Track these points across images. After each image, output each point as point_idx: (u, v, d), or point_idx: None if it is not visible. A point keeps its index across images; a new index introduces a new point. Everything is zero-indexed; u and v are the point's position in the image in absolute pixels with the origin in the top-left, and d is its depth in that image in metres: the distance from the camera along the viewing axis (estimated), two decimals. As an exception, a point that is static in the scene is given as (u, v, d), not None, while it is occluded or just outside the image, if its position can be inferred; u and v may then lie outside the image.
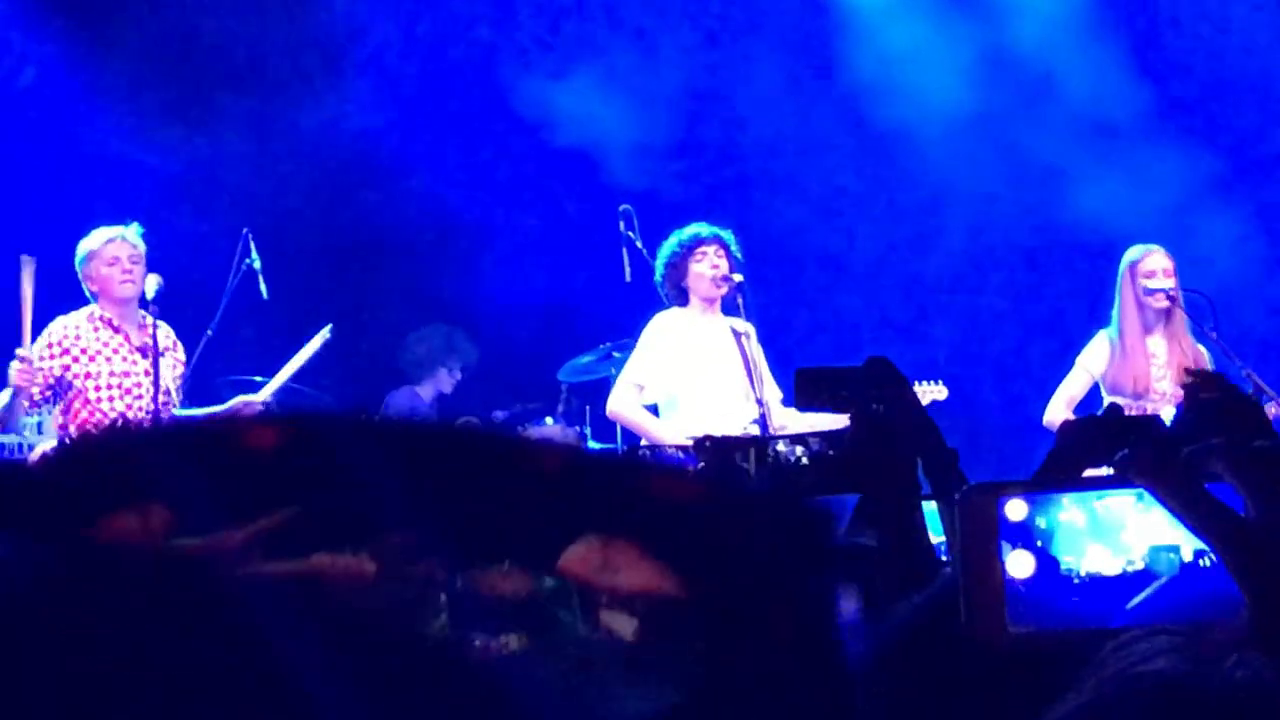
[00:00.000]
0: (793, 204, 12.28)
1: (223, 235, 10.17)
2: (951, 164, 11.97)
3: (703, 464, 4.32)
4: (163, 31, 11.79)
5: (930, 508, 3.70)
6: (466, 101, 12.40)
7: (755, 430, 8.66)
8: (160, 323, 8.97)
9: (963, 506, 2.07)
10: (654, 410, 9.23)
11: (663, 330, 9.24)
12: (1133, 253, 9.19)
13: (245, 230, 9.78)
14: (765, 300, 9.94)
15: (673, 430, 8.93)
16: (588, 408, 10.65)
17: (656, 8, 12.55)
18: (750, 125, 12.56)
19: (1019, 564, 2.05)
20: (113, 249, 8.96)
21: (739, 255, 9.27)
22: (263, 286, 9.71)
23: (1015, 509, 2.08)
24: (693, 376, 9.12)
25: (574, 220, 12.18)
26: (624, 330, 10.24)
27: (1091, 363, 9.19)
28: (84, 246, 9.02)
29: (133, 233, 9.05)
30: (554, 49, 12.45)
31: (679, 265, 9.25)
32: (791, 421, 8.49)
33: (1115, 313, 9.17)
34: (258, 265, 9.72)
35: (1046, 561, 2.09)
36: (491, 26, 12.49)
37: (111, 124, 11.74)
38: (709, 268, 9.21)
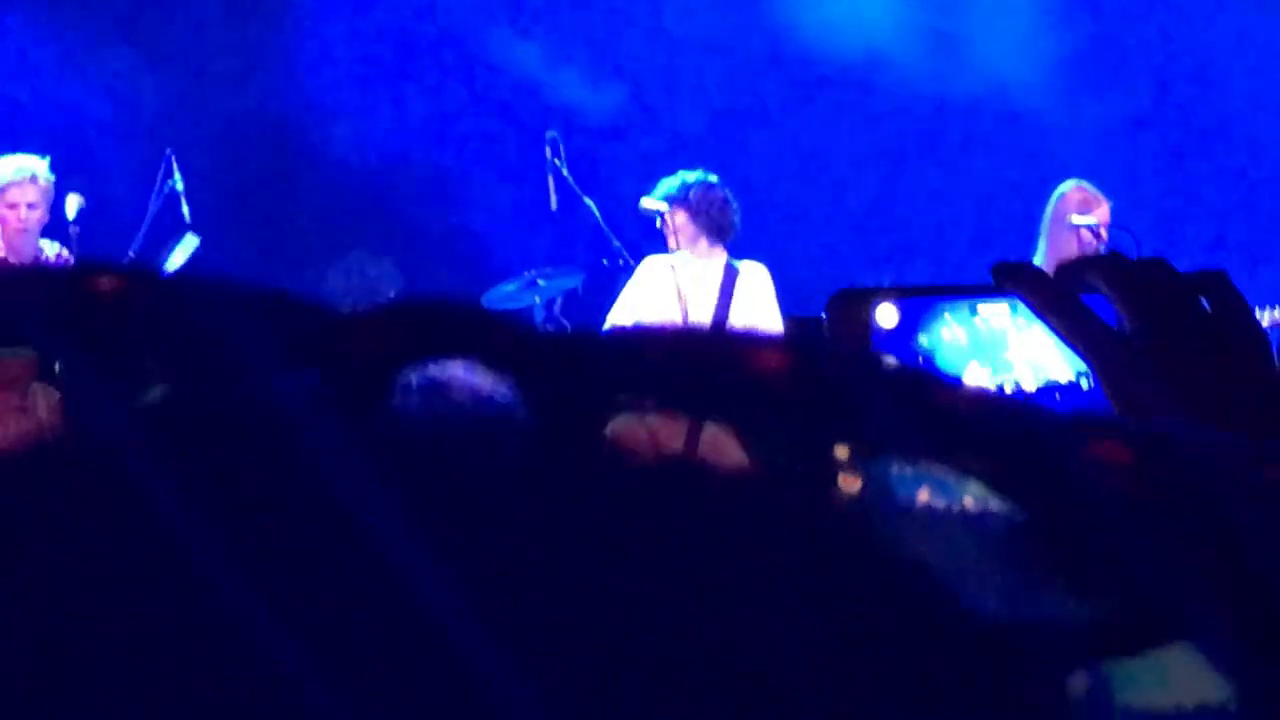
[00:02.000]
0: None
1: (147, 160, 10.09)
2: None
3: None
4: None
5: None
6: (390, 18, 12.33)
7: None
8: (63, 250, 8.83)
9: (831, 311, 2.04)
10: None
11: (648, 280, 9.28)
12: (1064, 187, 9.13)
13: (168, 151, 9.71)
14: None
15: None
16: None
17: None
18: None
19: None
20: (15, 193, 8.67)
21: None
22: (185, 209, 9.64)
23: (886, 315, 2.05)
24: (660, 320, 9.12)
25: (498, 146, 12.12)
26: (548, 259, 10.23)
27: (1011, 299, 9.14)
28: None
29: (43, 169, 8.78)
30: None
31: (675, 205, 9.25)
32: None
33: (1041, 247, 9.07)
34: (180, 187, 9.65)
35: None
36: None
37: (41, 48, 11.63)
38: (705, 213, 9.21)
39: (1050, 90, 12.08)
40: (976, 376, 2.13)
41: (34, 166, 8.73)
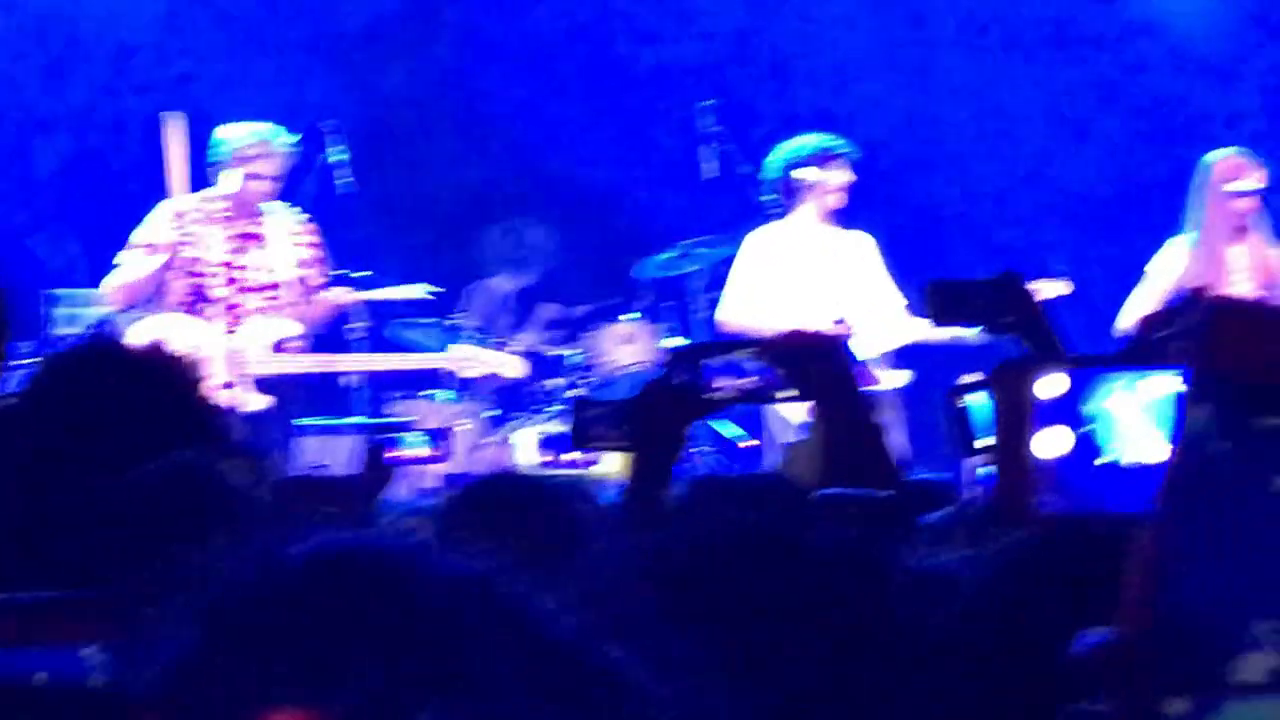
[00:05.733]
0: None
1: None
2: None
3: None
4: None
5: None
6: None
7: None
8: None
9: (996, 383, 2.06)
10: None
11: (759, 254, 9.29)
12: (1210, 157, 9.00)
13: (329, 123, 9.83)
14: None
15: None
16: (667, 305, 10.67)
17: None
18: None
19: (1053, 443, 2.03)
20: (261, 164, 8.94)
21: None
22: (342, 178, 9.79)
23: (1048, 386, 2.06)
24: (787, 292, 9.14)
25: (647, 116, 12.15)
26: (701, 228, 10.26)
27: (1168, 271, 9.00)
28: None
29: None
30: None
31: (803, 172, 9.23)
32: (917, 331, 8.75)
33: (1192, 219, 8.98)
34: (345, 158, 9.81)
35: (1086, 445, 2.07)
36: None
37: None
38: (840, 180, 9.20)
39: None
40: (1145, 445, 2.13)
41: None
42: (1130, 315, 8.96)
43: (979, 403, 3.76)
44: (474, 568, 1.41)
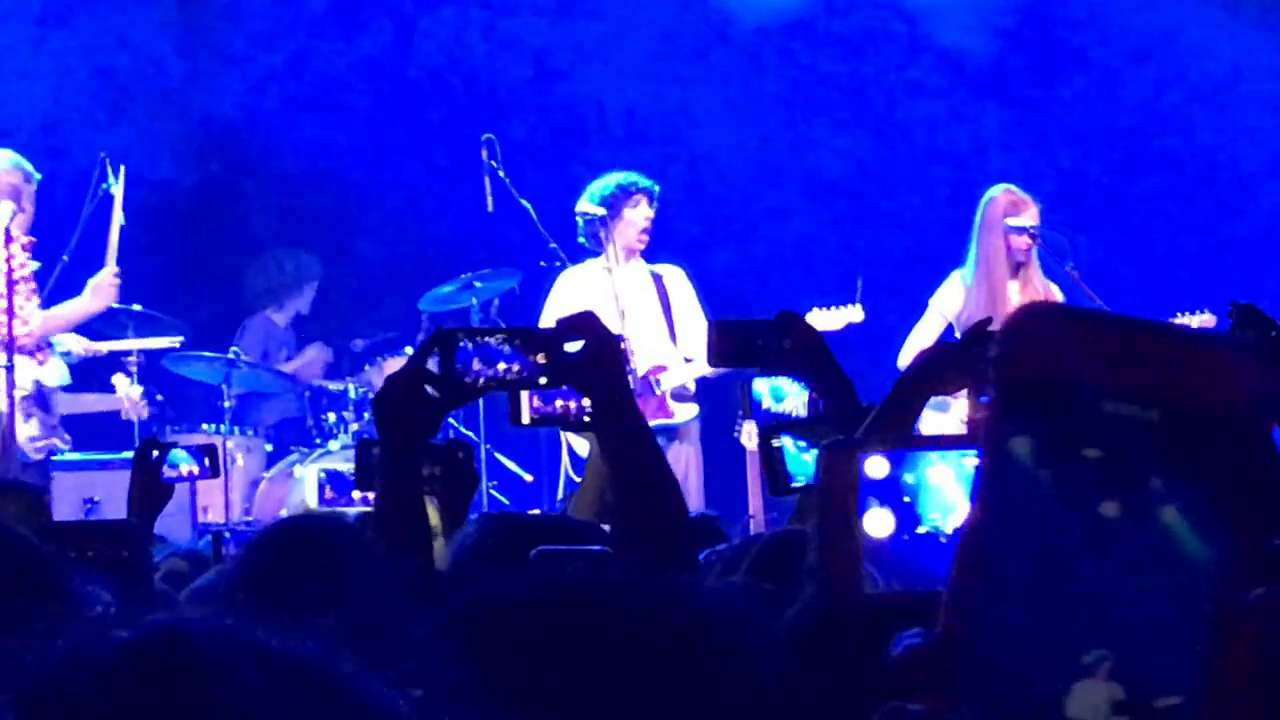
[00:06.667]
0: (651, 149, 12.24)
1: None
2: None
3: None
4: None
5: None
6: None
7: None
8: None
9: (822, 461, 2.06)
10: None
11: (567, 290, 9.37)
12: (990, 193, 9.14)
13: (103, 155, 9.64)
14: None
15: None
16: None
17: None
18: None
19: (878, 523, 2.04)
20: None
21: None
22: (118, 214, 9.58)
23: (877, 466, 2.07)
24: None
25: (433, 149, 12.09)
26: (484, 261, 10.22)
27: (944, 305, 9.12)
28: None
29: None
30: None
31: (612, 210, 9.34)
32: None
33: (972, 254, 9.08)
34: (116, 190, 9.60)
35: (908, 520, 2.07)
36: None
37: None
38: (641, 218, 9.33)
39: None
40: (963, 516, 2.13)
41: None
42: (911, 349, 9.09)
43: (790, 445, 3.78)
44: (298, 651, 1.36)
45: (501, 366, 3.42)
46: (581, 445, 9.13)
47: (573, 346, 3.30)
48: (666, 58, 12.11)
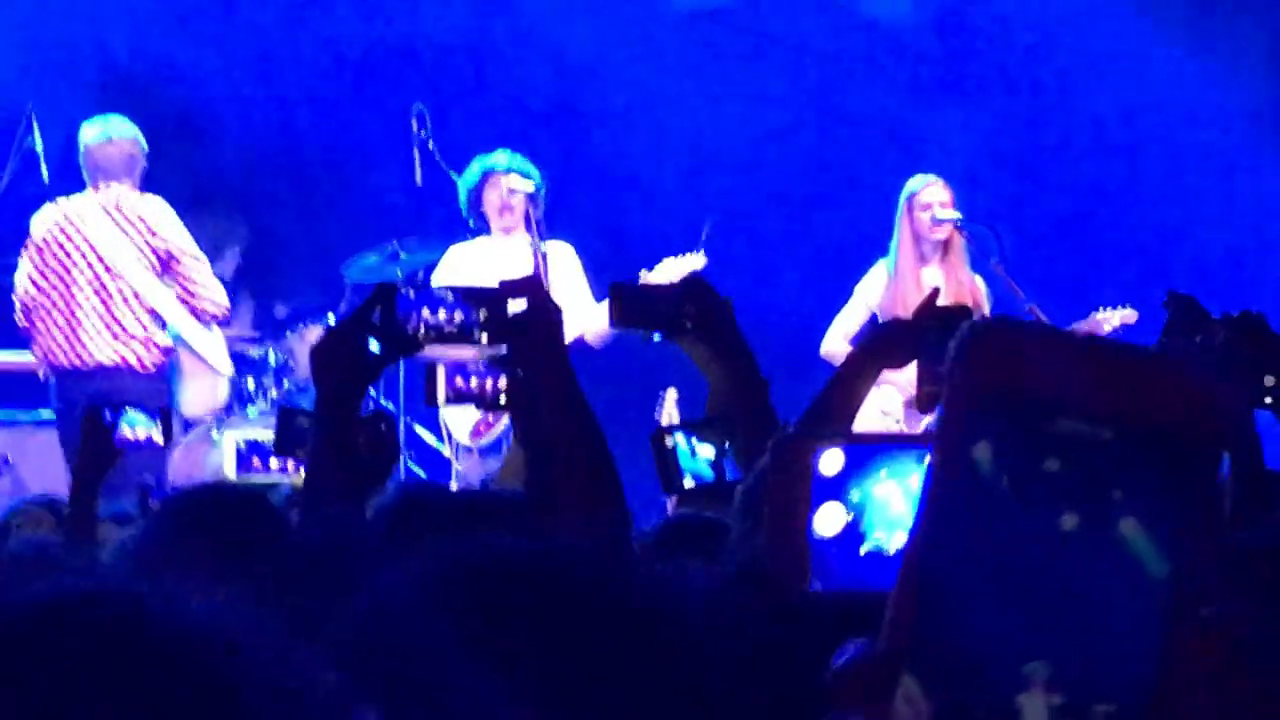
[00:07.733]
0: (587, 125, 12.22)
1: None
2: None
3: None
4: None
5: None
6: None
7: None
8: None
9: (774, 454, 2.04)
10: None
11: (453, 266, 9.41)
12: (912, 183, 9.26)
13: (29, 105, 9.54)
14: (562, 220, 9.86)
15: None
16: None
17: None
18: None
19: (829, 520, 2.02)
20: None
21: (539, 181, 9.31)
22: (44, 170, 9.49)
23: (831, 462, 2.05)
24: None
25: (364, 117, 12.03)
26: (411, 229, 10.17)
27: (868, 293, 9.24)
28: None
29: None
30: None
31: (475, 190, 9.44)
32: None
33: (893, 243, 9.21)
34: (39, 148, 9.50)
35: (853, 531, 2.04)
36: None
37: None
38: (496, 196, 9.37)
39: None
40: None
41: None
42: (832, 337, 9.18)
43: (683, 444, 3.81)
44: (220, 620, 1.31)
45: (443, 315, 3.45)
46: (459, 427, 9.29)
47: (516, 306, 3.34)
48: (604, 41, 12.08)
